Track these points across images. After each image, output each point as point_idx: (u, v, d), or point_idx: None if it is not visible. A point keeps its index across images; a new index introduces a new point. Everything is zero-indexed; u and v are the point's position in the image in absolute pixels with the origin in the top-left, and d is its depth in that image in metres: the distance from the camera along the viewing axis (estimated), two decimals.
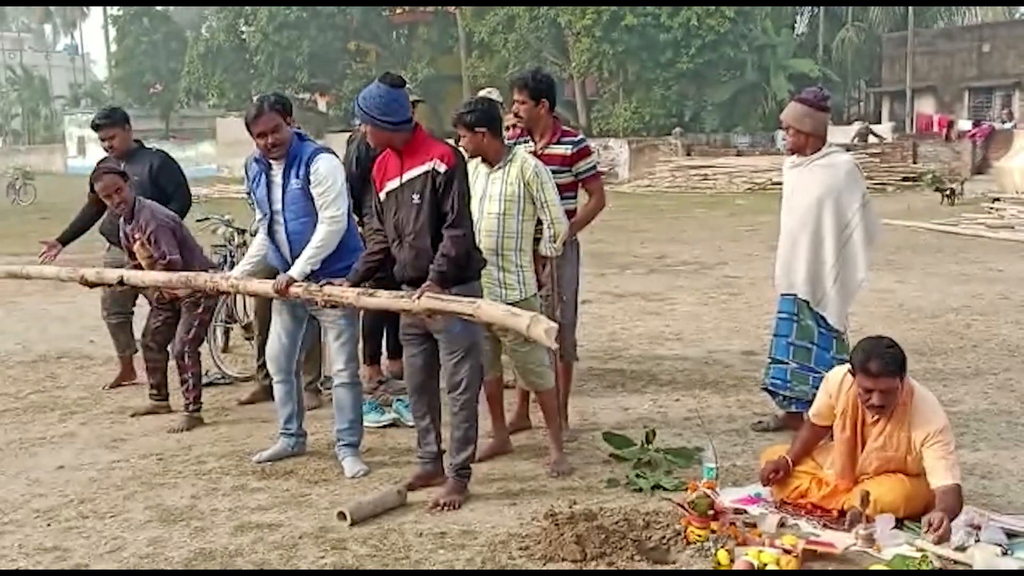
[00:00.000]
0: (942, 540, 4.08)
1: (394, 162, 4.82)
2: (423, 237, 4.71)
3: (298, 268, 5.12)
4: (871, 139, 32.34)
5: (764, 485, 4.69)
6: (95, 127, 6.98)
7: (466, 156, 5.17)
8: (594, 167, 5.94)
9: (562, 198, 5.49)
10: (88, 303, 8.91)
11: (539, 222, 5.37)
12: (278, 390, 5.60)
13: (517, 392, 6.03)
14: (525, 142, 5.76)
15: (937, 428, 4.38)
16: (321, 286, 4.93)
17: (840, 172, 5.75)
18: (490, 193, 5.28)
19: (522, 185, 5.22)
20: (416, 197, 4.70)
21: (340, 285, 4.90)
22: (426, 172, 4.68)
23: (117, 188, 6.11)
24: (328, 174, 5.16)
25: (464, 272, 4.75)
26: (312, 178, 5.13)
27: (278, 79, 47.63)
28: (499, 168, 5.28)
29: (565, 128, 5.88)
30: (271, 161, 5.23)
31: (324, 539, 4.40)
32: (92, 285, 6.26)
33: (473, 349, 4.88)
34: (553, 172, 5.56)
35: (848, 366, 4.54)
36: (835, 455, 4.68)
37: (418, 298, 4.53)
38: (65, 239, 7.07)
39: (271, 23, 47.91)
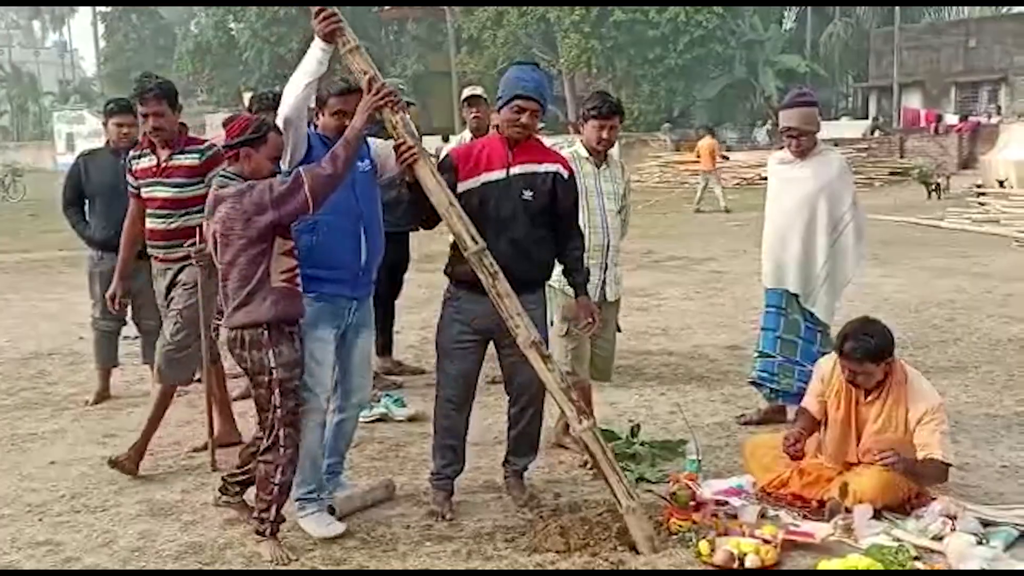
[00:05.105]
0: (878, 460, 4.40)
1: (498, 153, 4.56)
2: (529, 235, 4.52)
3: None
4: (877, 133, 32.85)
5: (793, 458, 4.65)
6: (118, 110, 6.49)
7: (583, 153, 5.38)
8: None
9: (199, 211, 5.00)
10: (79, 300, 8.93)
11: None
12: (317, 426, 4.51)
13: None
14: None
15: (933, 406, 4.54)
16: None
17: (833, 169, 5.82)
18: (605, 191, 5.40)
19: (623, 184, 5.54)
20: (528, 193, 4.52)
21: None
22: (547, 172, 4.57)
23: None
24: None
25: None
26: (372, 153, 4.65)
27: (268, 75, 47.53)
28: (604, 167, 5.43)
29: (192, 136, 5.52)
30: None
31: None
32: None
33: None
34: (183, 185, 5.32)
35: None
36: (828, 438, 4.75)
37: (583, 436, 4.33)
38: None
39: (260, 19, 47.86)
